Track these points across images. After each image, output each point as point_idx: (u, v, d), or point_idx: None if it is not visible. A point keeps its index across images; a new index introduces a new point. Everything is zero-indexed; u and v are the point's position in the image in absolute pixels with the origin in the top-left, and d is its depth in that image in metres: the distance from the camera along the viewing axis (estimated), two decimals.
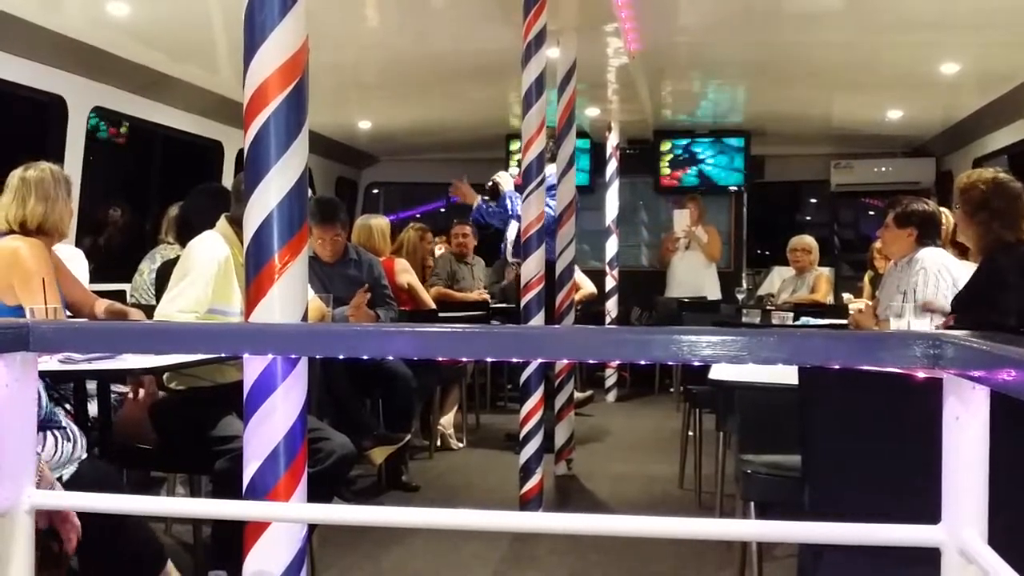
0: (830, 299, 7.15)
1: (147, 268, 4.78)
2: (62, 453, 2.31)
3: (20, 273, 3.10)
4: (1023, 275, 3.30)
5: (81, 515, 2.13)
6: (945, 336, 1.10)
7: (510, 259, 6.94)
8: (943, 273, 3.86)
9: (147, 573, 2.53)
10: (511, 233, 6.74)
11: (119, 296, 4.49)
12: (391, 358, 2.86)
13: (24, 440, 1.29)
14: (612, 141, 8.75)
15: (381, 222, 5.80)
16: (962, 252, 4.20)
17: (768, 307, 6.33)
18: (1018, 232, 3.41)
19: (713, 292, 8.54)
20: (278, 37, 1.80)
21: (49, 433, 2.30)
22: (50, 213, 3.22)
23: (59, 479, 2.29)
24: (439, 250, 8.08)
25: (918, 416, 1.38)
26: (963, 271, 3.81)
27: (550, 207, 5.38)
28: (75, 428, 2.39)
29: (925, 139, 8.95)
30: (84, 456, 2.40)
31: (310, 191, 2.26)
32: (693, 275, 8.67)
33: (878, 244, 7.32)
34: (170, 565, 2.57)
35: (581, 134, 8.01)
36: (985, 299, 3.36)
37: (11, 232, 3.21)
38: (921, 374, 1.12)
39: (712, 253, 8.78)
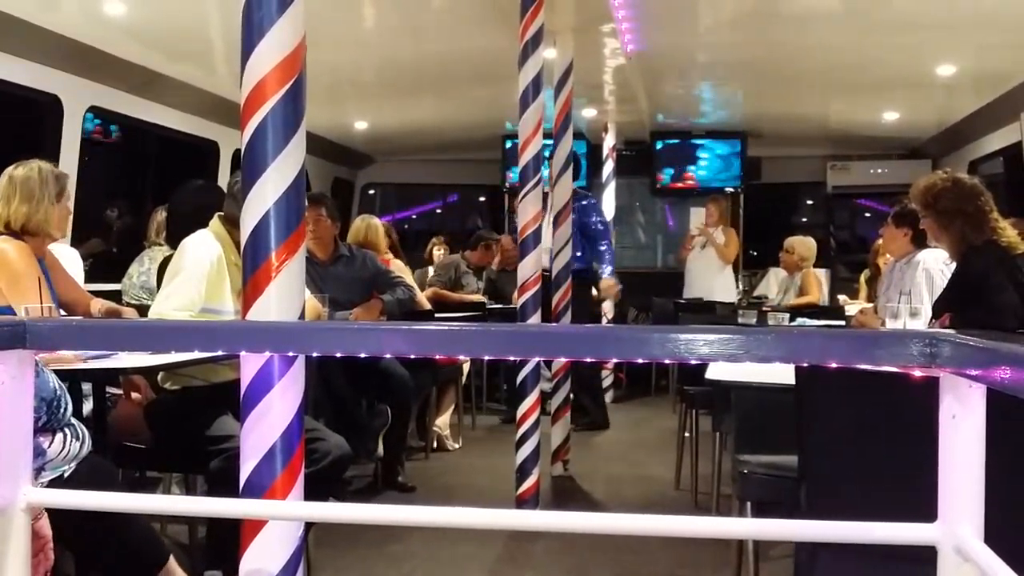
0: (815, 298, 7.05)
1: (136, 272, 4.72)
2: (70, 451, 2.31)
3: (6, 274, 3.07)
4: (1008, 275, 3.32)
5: (80, 510, 2.13)
6: (942, 335, 1.10)
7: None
8: (945, 274, 3.87)
9: (147, 569, 2.53)
10: None
11: (115, 296, 4.48)
12: (388, 357, 2.85)
13: (21, 437, 1.29)
14: (609, 142, 8.75)
15: (378, 222, 5.83)
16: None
17: (764, 309, 6.32)
18: (985, 231, 3.43)
19: (725, 294, 8.28)
20: (276, 35, 1.80)
21: (59, 432, 2.30)
22: (34, 213, 3.13)
23: (60, 476, 2.29)
24: (438, 252, 8.09)
25: (915, 415, 1.39)
26: None
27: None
28: (82, 426, 2.39)
29: (921, 141, 8.96)
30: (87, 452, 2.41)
31: None
32: (705, 275, 8.51)
33: (880, 243, 7.34)
34: (172, 562, 2.57)
35: (578, 135, 8.00)
36: (975, 302, 3.36)
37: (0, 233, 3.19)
38: (918, 373, 1.12)
39: (726, 255, 8.48)
